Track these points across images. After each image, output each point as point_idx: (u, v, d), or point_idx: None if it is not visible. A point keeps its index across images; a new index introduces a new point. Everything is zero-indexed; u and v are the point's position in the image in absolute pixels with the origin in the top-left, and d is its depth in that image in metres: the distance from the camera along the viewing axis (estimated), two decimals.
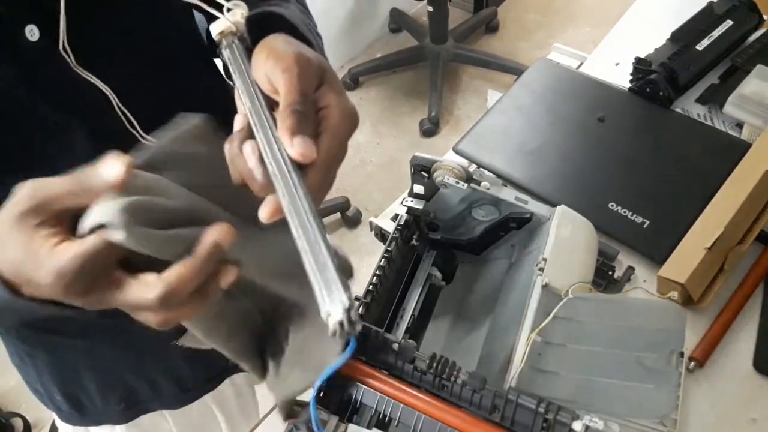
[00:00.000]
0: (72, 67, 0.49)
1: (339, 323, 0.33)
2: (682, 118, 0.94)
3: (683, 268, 0.70)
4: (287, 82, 0.40)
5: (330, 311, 0.33)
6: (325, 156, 0.40)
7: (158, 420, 0.80)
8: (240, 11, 0.47)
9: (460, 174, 0.65)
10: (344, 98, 0.43)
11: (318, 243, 0.35)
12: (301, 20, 0.53)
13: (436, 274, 0.72)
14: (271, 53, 0.42)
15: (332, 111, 0.41)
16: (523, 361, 0.52)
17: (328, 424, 0.52)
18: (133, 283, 0.36)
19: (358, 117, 0.43)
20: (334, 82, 0.43)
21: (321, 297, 0.34)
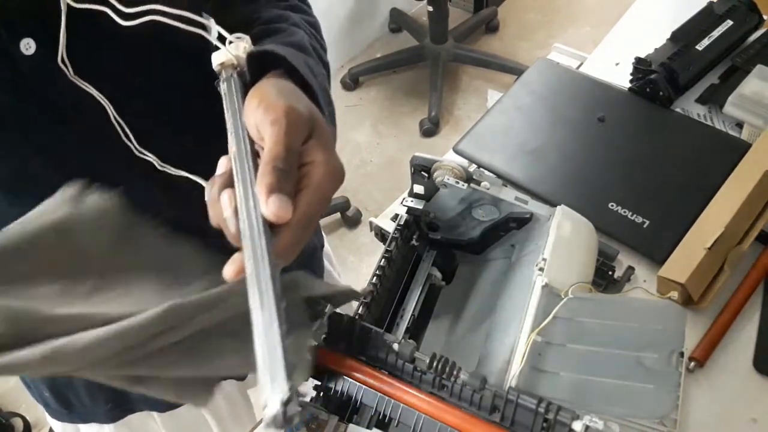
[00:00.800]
0: (69, 78, 0.49)
1: (273, 417, 0.30)
2: (682, 118, 0.94)
3: (683, 268, 0.70)
4: (274, 135, 0.39)
5: (267, 401, 0.30)
6: (301, 215, 0.39)
7: (147, 420, 0.80)
8: (243, 44, 0.46)
9: (460, 174, 0.65)
10: (331, 155, 0.42)
11: (273, 320, 0.33)
12: (303, 60, 0.52)
13: (436, 274, 0.72)
14: (263, 101, 0.41)
15: (316, 168, 0.40)
16: (523, 361, 0.52)
17: (328, 424, 0.52)
18: None
19: (344, 174, 0.42)
20: (323, 136, 0.42)
21: (263, 381, 0.31)
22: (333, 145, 0.43)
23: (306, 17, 0.65)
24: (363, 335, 0.54)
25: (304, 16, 0.65)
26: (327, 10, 2.40)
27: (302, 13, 0.65)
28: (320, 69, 0.57)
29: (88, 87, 0.50)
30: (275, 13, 0.62)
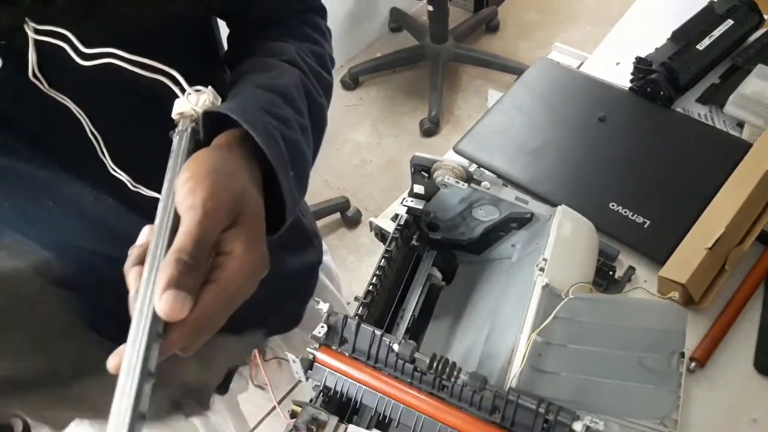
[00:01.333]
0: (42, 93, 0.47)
1: None
2: (683, 117, 0.94)
3: (684, 269, 0.70)
4: (186, 223, 0.37)
5: None
6: (200, 313, 0.36)
7: None
8: (204, 97, 0.44)
9: (460, 174, 0.65)
10: (252, 246, 0.39)
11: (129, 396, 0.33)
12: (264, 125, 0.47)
13: (436, 274, 0.72)
14: (191, 178, 0.38)
15: (231, 261, 0.38)
16: (524, 362, 0.52)
17: (328, 424, 0.52)
18: None
19: (266, 267, 0.40)
20: (249, 225, 0.40)
21: None
22: (259, 232, 0.40)
23: (313, 47, 0.62)
24: (363, 335, 0.54)
25: (312, 45, 0.62)
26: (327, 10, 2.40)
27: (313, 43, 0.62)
28: (299, 119, 0.53)
29: (64, 99, 0.48)
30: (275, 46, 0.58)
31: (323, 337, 0.55)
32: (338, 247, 2.01)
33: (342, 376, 0.54)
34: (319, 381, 0.55)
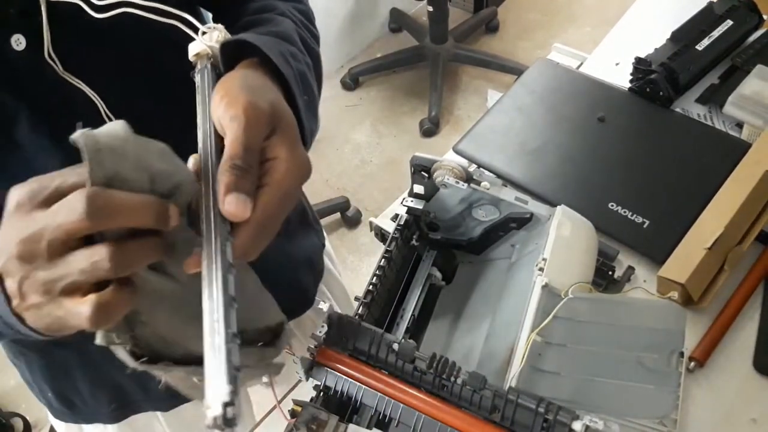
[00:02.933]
0: (60, 74, 0.49)
1: (213, 418, 0.31)
2: (682, 118, 0.94)
3: (683, 268, 0.70)
4: (233, 132, 0.38)
5: (210, 402, 0.31)
6: (261, 213, 0.38)
7: (151, 420, 0.80)
8: (216, 34, 0.46)
9: (460, 174, 0.65)
10: (294, 150, 0.41)
11: (219, 321, 0.33)
12: (278, 50, 0.50)
13: (436, 274, 0.72)
14: (226, 95, 0.40)
15: (279, 164, 0.40)
16: (523, 361, 0.52)
17: (328, 423, 0.52)
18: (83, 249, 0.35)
19: (309, 169, 0.42)
20: (287, 131, 0.41)
21: (207, 383, 0.32)
22: (297, 139, 0.42)
23: (297, 5, 0.65)
24: (363, 335, 0.54)
25: (295, 4, 0.65)
26: (327, 10, 2.40)
27: (293, 1, 0.65)
28: (304, 57, 0.56)
29: (78, 82, 0.50)
30: (263, 4, 0.62)
31: (323, 336, 0.55)
32: (338, 247, 2.01)
33: (342, 375, 0.54)
34: (320, 380, 0.55)
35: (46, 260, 0.34)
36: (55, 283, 0.35)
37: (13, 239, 0.34)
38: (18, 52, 0.48)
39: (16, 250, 0.34)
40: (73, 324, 0.36)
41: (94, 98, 0.52)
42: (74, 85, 0.51)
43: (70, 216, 0.33)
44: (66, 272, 0.34)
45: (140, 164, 0.36)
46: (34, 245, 0.34)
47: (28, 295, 0.36)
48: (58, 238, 0.34)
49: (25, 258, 0.35)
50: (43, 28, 0.48)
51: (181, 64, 0.50)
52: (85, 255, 0.34)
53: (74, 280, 0.34)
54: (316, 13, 0.69)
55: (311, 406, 0.53)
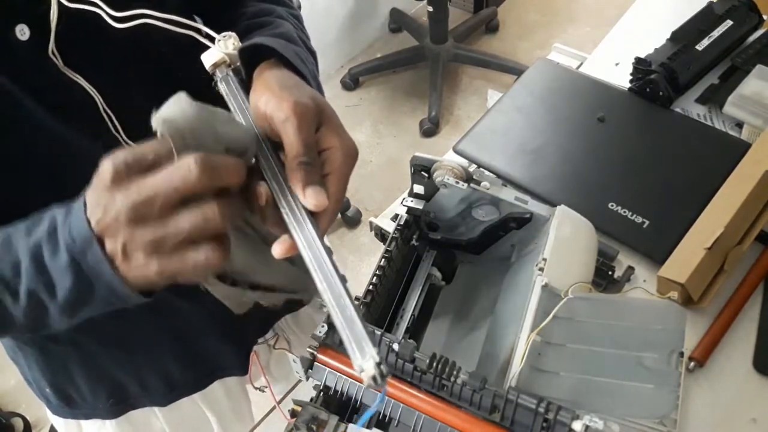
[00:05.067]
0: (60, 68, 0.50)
1: (372, 378, 0.35)
2: (682, 118, 0.94)
3: (683, 268, 0.70)
4: (290, 133, 0.41)
5: (363, 366, 0.35)
6: (334, 199, 0.42)
7: (148, 416, 0.80)
8: (231, 41, 0.47)
9: (460, 174, 0.65)
10: (344, 136, 0.44)
11: (342, 297, 0.37)
12: (293, 50, 0.54)
13: (436, 274, 0.72)
14: (271, 98, 0.43)
15: (335, 153, 0.43)
16: (523, 361, 0.52)
17: (328, 423, 0.52)
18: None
19: (358, 152, 0.45)
20: (333, 120, 0.44)
21: (352, 352, 0.36)
22: (342, 125, 0.45)
23: (289, 10, 0.66)
24: None
25: (287, 9, 0.66)
26: (327, 10, 2.40)
27: (285, 6, 0.67)
28: (309, 58, 0.59)
29: (78, 78, 0.51)
30: (260, 8, 0.63)
31: (323, 336, 0.55)
32: (338, 246, 2.01)
33: (342, 375, 0.54)
34: (320, 380, 0.55)
35: (157, 220, 0.37)
36: (165, 240, 0.38)
37: (121, 204, 0.37)
38: (21, 42, 0.48)
39: (127, 213, 0.37)
40: (185, 274, 0.39)
41: (93, 94, 0.52)
42: (75, 80, 0.51)
43: (187, 176, 0.37)
44: (178, 228, 0.37)
45: (215, 134, 0.40)
46: (148, 207, 0.37)
47: (133, 255, 0.38)
48: (172, 198, 0.37)
49: (137, 220, 0.37)
50: (51, 23, 0.48)
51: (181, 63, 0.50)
52: (196, 210, 0.38)
53: (187, 236, 0.38)
54: (316, 13, 0.69)
55: (311, 406, 0.53)
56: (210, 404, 0.84)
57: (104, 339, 0.69)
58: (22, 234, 0.43)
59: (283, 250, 0.40)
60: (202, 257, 0.38)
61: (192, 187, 0.37)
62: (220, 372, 0.80)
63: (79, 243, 0.39)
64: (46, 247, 0.41)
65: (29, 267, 0.42)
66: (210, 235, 0.38)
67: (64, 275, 0.41)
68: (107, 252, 0.39)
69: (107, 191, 0.38)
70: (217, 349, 0.76)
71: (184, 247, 0.38)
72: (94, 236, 0.39)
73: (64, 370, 0.71)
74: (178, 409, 0.80)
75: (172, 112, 0.39)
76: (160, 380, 0.75)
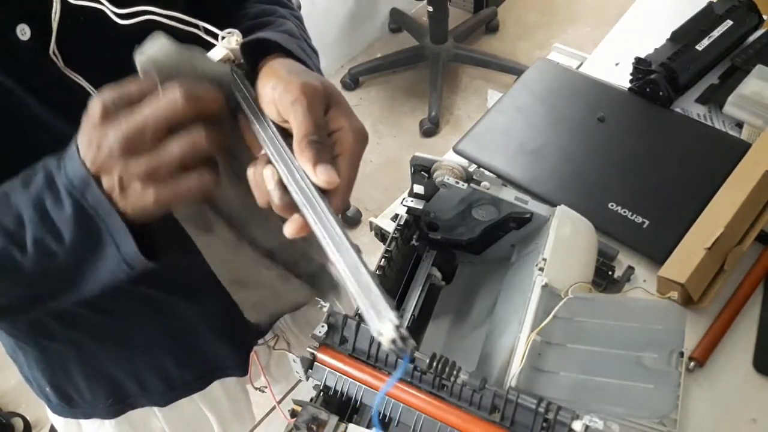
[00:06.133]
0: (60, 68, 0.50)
1: (392, 341, 0.34)
2: (682, 118, 0.94)
3: (683, 268, 0.70)
4: (298, 113, 0.41)
5: (381, 330, 0.34)
6: (346, 179, 0.42)
7: (148, 416, 0.80)
8: (235, 38, 0.48)
9: (460, 174, 0.65)
10: (354, 118, 0.44)
11: (357, 266, 0.37)
12: (296, 44, 0.54)
13: (436, 274, 0.72)
14: (278, 83, 0.43)
15: (345, 134, 0.43)
16: (523, 361, 0.52)
17: (328, 423, 0.52)
18: None
19: (368, 135, 0.45)
20: (342, 103, 0.45)
21: (370, 318, 0.35)
22: (351, 109, 0.45)
23: (290, 11, 0.67)
24: (363, 335, 0.54)
25: (289, 10, 0.67)
26: (327, 10, 2.40)
27: (286, 8, 0.67)
28: (312, 53, 0.60)
29: (78, 78, 0.51)
30: (261, 8, 0.64)
31: (323, 336, 0.55)
32: None
33: (342, 375, 0.54)
34: (320, 380, 0.55)
35: (149, 149, 0.39)
36: (159, 167, 0.39)
37: (112, 138, 0.38)
38: (22, 42, 0.48)
39: (119, 145, 0.38)
40: (181, 199, 0.40)
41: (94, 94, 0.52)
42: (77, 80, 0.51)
43: (173, 105, 0.38)
44: (170, 154, 0.39)
45: (194, 68, 0.41)
46: (139, 137, 0.38)
47: (129, 186, 0.39)
48: (161, 126, 0.38)
49: (129, 150, 0.38)
50: (53, 25, 0.48)
51: None
52: (184, 136, 0.39)
53: (178, 161, 0.39)
54: (316, 13, 0.70)
55: (311, 406, 0.53)
56: (210, 404, 0.84)
57: (103, 338, 0.69)
58: (18, 187, 0.44)
59: (295, 228, 0.40)
60: (195, 180, 0.39)
61: (178, 113, 0.38)
62: (220, 372, 0.80)
63: (77, 184, 0.40)
64: (47, 194, 0.42)
65: (33, 216, 0.42)
66: (200, 159, 0.39)
67: (68, 219, 0.42)
68: (105, 189, 0.40)
69: (98, 128, 0.39)
70: (216, 350, 0.76)
71: (177, 173, 0.39)
72: (91, 175, 0.40)
73: (63, 370, 0.71)
74: (177, 409, 0.80)
75: (154, 50, 0.40)
76: (158, 380, 0.75)
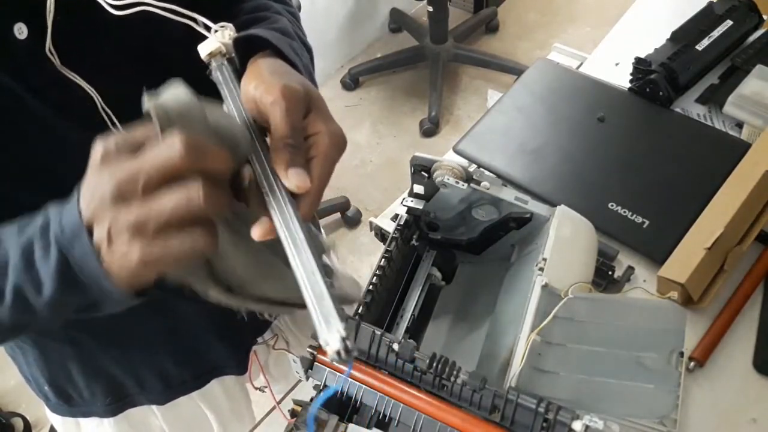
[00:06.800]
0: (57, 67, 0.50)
1: (336, 352, 0.34)
2: (682, 118, 0.94)
3: (683, 268, 0.70)
4: (276, 115, 0.41)
5: (328, 341, 0.35)
6: (318, 182, 0.42)
7: (147, 415, 0.80)
8: (228, 32, 0.48)
9: (460, 174, 0.65)
10: (331, 123, 0.44)
11: (314, 273, 0.37)
12: (287, 43, 0.54)
13: (436, 274, 0.72)
14: (260, 83, 0.43)
15: (321, 138, 0.43)
16: (523, 361, 0.52)
17: (328, 423, 0.52)
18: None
19: (346, 140, 0.45)
20: (321, 108, 0.45)
21: (319, 325, 0.35)
22: (330, 114, 0.45)
23: (287, 7, 0.67)
24: (363, 335, 0.54)
25: (285, 6, 0.67)
26: (327, 10, 2.40)
27: (282, 3, 0.67)
28: (304, 52, 0.60)
29: (75, 77, 0.51)
30: (257, 4, 0.64)
31: None
32: (338, 246, 2.01)
33: (342, 375, 0.54)
34: (320, 380, 0.55)
35: (141, 198, 0.37)
36: (148, 220, 0.37)
37: (106, 183, 0.37)
38: (20, 41, 0.48)
39: (111, 191, 0.37)
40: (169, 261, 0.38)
41: (91, 93, 0.52)
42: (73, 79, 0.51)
43: (170, 154, 0.36)
44: (161, 207, 0.36)
45: (205, 123, 0.40)
46: (132, 184, 0.37)
47: (117, 238, 0.37)
48: (156, 175, 0.37)
49: (119, 197, 0.37)
50: (48, 22, 0.48)
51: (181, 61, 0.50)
52: (180, 189, 0.37)
53: (169, 217, 0.37)
54: (316, 13, 0.70)
55: (311, 405, 0.53)
56: (209, 403, 0.84)
57: (101, 337, 0.69)
58: (14, 232, 0.43)
59: (262, 231, 0.40)
60: (187, 241, 0.37)
61: (175, 165, 0.36)
62: (218, 371, 0.80)
63: (68, 233, 0.39)
64: (38, 243, 0.41)
65: (18, 263, 0.42)
66: (194, 219, 0.37)
67: (51, 272, 0.40)
68: (95, 241, 0.38)
69: (96, 173, 0.38)
70: (215, 348, 0.76)
71: (167, 230, 0.37)
72: (84, 225, 0.38)
73: (62, 368, 0.71)
74: (176, 407, 0.80)
75: (165, 97, 0.39)
76: (157, 378, 0.75)
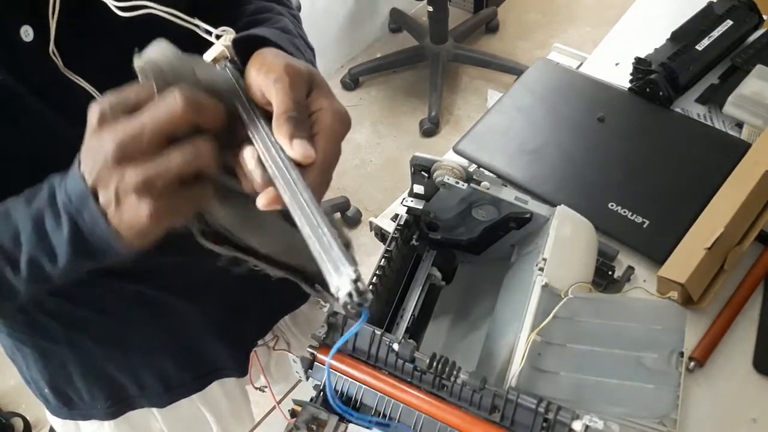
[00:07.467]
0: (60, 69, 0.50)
1: (348, 294, 0.34)
2: (682, 118, 0.94)
3: (683, 268, 0.70)
4: (279, 91, 0.42)
5: (339, 285, 0.34)
6: (323, 156, 0.41)
7: (147, 417, 0.80)
8: (228, 36, 0.48)
9: (460, 174, 0.65)
10: (335, 101, 0.44)
11: (320, 227, 0.37)
12: (288, 40, 0.55)
13: (436, 274, 0.72)
14: (263, 66, 0.44)
15: (325, 114, 0.43)
16: (523, 361, 0.52)
17: (328, 423, 0.52)
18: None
19: (350, 118, 0.44)
20: (324, 87, 0.45)
21: (329, 275, 0.35)
22: (332, 93, 0.45)
23: (288, 9, 0.67)
24: (363, 335, 0.54)
25: (286, 8, 0.67)
26: (327, 10, 2.40)
27: (283, 5, 0.67)
28: (306, 50, 0.60)
29: (78, 79, 0.51)
30: (258, 6, 0.64)
31: (323, 336, 0.55)
32: None
33: (342, 375, 0.54)
34: (320, 380, 0.55)
35: (146, 157, 0.37)
36: (157, 177, 0.37)
37: (108, 145, 0.37)
38: (26, 43, 0.48)
39: (113, 153, 0.36)
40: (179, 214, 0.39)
41: (96, 95, 0.52)
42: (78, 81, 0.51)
43: (172, 109, 0.36)
44: (170, 164, 0.37)
45: (194, 77, 0.40)
46: (136, 143, 0.36)
47: (126, 198, 0.37)
48: (159, 132, 0.37)
49: (124, 158, 0.37)
50: (50, 24, 0.48)
51: None
52: (188, 146, 0.37)
53: (178, 173, 0.37)
54: (315, 13, 0.70)
55: (311, 406, 0.53)
56: (209, 405, 0.84)
57: (102, 339, 0.69)
58: (22, 204, 0.43)
59: (267, 199, 0.40)
60: (194, 196, 0.38)
61: (177, 120, 0.37)
62: (218, 373, 0.80)
63: (75, 201, 0.40)
64: (48, 213, 0.41)
65: (31, 235, 0.42)
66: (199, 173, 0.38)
67: (65, 241, 0.41)
68: (101, 204, 0.39)
69: (95, 136, 0.38)
70: (215, 350, 0.76)
71: (174, 186, 0.37)
72: (89, 190, 0.39)
73: (62, 371, 0.71)
74: (176, 410, 0.80)
75: (154, 54, 0.39)
76: (157, 381, 0.75)
